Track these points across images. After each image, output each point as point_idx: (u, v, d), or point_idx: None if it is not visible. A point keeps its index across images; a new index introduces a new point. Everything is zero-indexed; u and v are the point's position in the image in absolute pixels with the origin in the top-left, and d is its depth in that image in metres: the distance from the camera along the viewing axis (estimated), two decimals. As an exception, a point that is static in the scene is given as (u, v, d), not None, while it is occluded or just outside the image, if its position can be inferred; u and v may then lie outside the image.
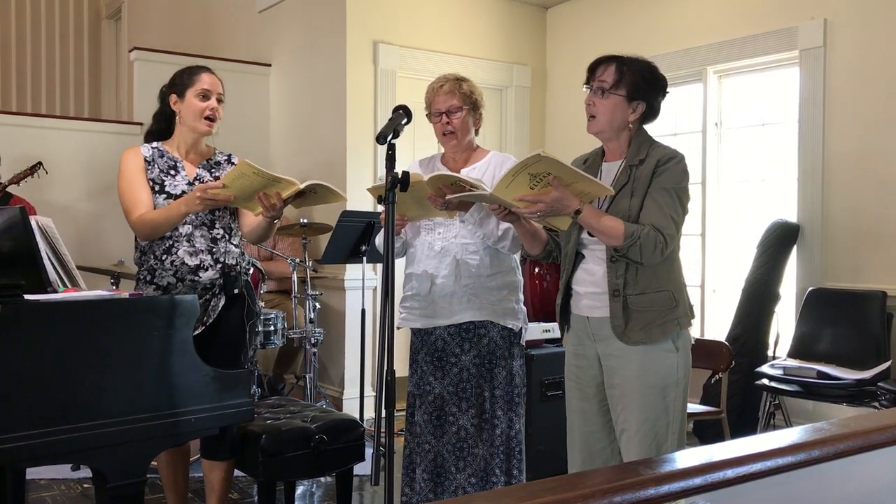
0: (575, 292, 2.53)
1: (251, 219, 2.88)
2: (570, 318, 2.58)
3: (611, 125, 2.45)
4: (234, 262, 2.91)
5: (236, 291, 2.89)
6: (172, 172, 2.87)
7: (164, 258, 2.83)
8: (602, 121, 2.45)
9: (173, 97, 2.90)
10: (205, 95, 2.86)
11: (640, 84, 2.43)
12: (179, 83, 2.90)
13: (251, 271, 3.07)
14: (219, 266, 2.86)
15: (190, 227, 2.83)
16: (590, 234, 2.43)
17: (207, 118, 2.86)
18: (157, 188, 2.83)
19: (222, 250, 2.88)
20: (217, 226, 2.88)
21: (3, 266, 2.55)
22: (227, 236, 2.90)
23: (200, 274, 2.84)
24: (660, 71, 2.51)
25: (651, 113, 2.49)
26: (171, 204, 2.78)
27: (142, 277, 2.89)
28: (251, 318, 2.96)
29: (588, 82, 2.49)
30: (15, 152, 5.18)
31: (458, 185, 2.46)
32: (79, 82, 9.19)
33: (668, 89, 2.52)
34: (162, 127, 2.96)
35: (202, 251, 2.84)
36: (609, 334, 2.42)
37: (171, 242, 2.83)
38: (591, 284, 2.47)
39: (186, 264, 2.82)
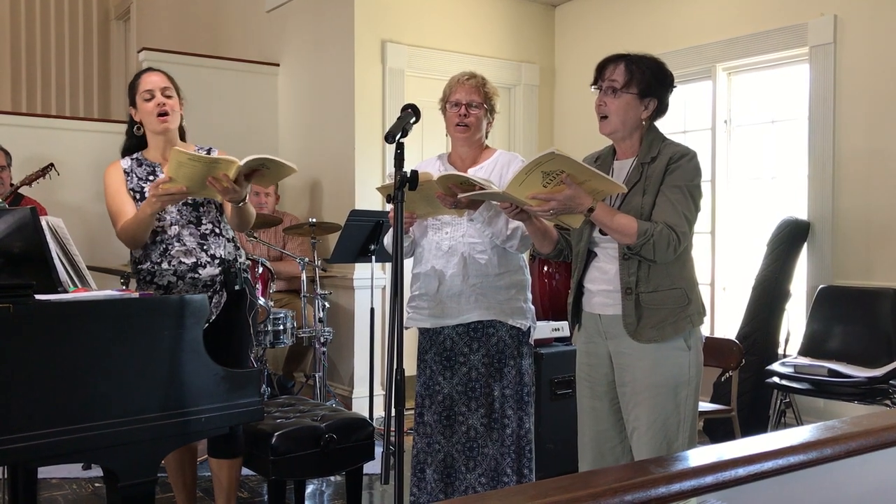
0: (587, 290, 2.52)
1: (229, 208, 2.89)
2: (582, 316, 2.57)
3: (624, 124, 2.44)
4: (232, 258, 2.92)
5: (237, 288, 2.90)
6: (151, 178, 2.88)
7: (160, 261, 2.86)
8: (615, 120, 2.44)
9: (131, 109, 2.95)
10: (149, 95, 2.87)
11: (651, 81, 2.43)
12: (130, 94, 2.94)
13: (248, 265, 3.08)
14: (217, 262, 2.88)
15: (177, 227, 2.86)
16: (602, 232, 2.43)
17: (159, 115, 2.86)
18: (138, 197, 2.86)
19: (213, 245, 2.89)
20: (204, 221, 2.90)
21: (14, 266, 2.56)
22: (216, 230, 2.92)
23: (199, 271, 2.86)
24: (667, 66, 2.50)
25: (661, 109, 2.49)
26: (139, 209, 2.79)
27: (142, 278, 2.92)
28: (252, 311, 2.99)
29: (596, 82, 2.49)
30: (25, 153, 5.21)
31: (467, 184, 2.46)
32: (88, 83, 9.23)
33: (675, 84, 2.52)
34: (133, 142, 2.98)
35: (194, 249, 2.86)
36: (621, 332, 2.41)
37: (164, 246, 2.86)
38: (603, 282, 2.46)
39: (184, 263, 2.85)
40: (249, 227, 3.03)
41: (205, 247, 2.88)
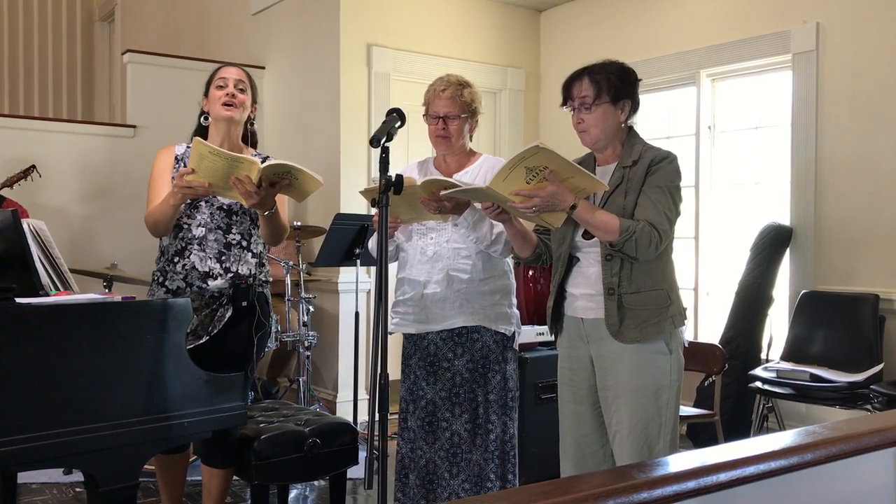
0: (569, 294, 2.53)
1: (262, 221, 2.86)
2: (563, 321, 2.58)
3: (605, 133, 2.46)
4: (246, 273, 2.85)
5: (245, 304, 2.83)
6: None
7: (175, 261, 2.81)
8: (595, 132, 2.46)
9: (203, 100, 2.91)
10: (222, 84, 2.85)
11: (619, 84, 2.45)
12: (206, 85, 2.91)
13: (269, 279, 3.02)
14: (229, 276, 2.81)
15: (204, 229, 2.81)
16: (584, 236, 2.44)
17: (225, 104, 2.83)
18: None
19: (234, 258, 2.83)
20: (234, 231, 2.84)
21: (-6, 269, 2.54)
22: (244, 243, 2.86)
23: (209, 282, 2.80)
24: (627, 65, 2.52)
25: (634, 107, 2.51)
26: (164, 198, 2.75)
27: (155, 279, 2.88)
28: (260, 330, 2.89)
29: (566, 102, 2.50)
30: (7, 155, 5.17)
31: (450, 189, 2.46)
32: (72, 84, 9.17)
33: (640, 78, 2.54)
34: (199, 132, 2.94)
35: (211, 258, 2.80)
36: (602, 336, 2.42)
37: (183, 244, 2.81)
38: (585, 286, 2.47)
39: (196, 269, 2.79)
40: (281, 242, 2.99)
41: (223, 258, 2.81)
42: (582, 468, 2.53)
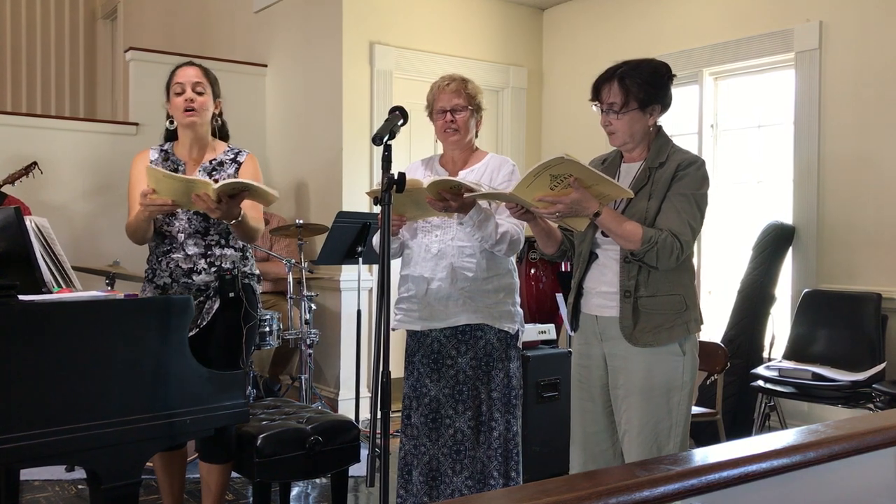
0: (586, 291, 2.52)
1: None
2: (580, 318, 2.57)
3: (633, 137, 2.45)
4: (230, 266, 2.88)
5: (232, 295, 2.86)
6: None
7: (161, 260, 2.86)
8: (622, 135, 2.45)
9: (166, 103, 2.93)
10: (180, 89, 2.86)
11: (648, 90, 2.41)
12: (166, 87, 2.92)
13: (256, 273, 3.04)
14: (213, 270, 2.85)
15: (182, 235, 2.85)
16: (604, 234, 2.43)
17: (185, 110, 2.84)
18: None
19: (217, 254, 2.87)
20: (212, 232, 2.87)
21: (-3, 266, 2.54)
22: (223, 241, 2.89)
23: (194, 276, 2.83)
24: (659, 63, 2.48)
25: (665, 107, 2.48)
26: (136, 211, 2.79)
27: (146, 276, 2.93)
28: (249, 321, 2.92)
29: (594, 100, 2.49)
30: (10, 152, 5.17)
31: (458, 188, 2.46)
32: (74, 82, 9.17)
33: (674, 74, 2.49)
34: (169, 136, 2.99)
35: (194, 255, 2.85)
36: (616, 334, 2.42)
37: (168, 247, 2.86)
38: (602, 284, 2.47)
39: (180, 266, 2.84)
40: (256, 241, 3.00)
41: (207, 254, 2.86)
42: (591, 465, 2.53)
